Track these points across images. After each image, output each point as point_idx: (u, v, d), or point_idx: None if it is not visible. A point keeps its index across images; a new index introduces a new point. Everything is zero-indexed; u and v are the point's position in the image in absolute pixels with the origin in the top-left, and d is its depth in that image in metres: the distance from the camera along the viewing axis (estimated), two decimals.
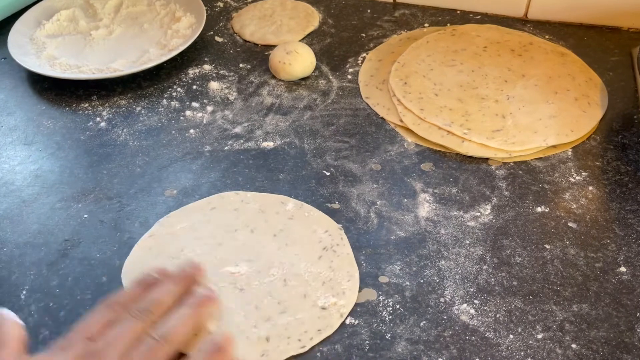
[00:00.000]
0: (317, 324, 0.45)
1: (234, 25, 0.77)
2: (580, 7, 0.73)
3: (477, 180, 0.56)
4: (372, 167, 0.57)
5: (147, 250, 0.50)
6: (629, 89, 0.64)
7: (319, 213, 0.53)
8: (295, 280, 0.47)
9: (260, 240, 0.50)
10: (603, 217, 0.52)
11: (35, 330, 0.45)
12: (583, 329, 0.44)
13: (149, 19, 0.77)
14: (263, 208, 0.53)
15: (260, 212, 0.53)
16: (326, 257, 0.49)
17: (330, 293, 0.46)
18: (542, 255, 0.49)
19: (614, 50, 0.69)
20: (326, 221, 0.52)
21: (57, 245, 0.51)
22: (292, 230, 0.51)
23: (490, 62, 0.67)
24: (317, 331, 0.44)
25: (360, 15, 0.77)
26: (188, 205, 0.54)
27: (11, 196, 0.56)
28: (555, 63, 0.67)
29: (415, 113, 0.61)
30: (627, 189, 0.54)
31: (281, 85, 0.67)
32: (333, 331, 0.44)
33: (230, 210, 0.53)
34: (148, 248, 0.50)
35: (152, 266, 0.45)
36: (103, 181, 0.57)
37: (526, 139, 0.58)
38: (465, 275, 0.48)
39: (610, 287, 0.47)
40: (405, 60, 0.68)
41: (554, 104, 0.61)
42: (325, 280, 0.47)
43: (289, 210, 0.53)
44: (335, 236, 0.51)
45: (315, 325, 0.45)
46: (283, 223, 0.52)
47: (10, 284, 0.48)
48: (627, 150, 0.58)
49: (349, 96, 0.65)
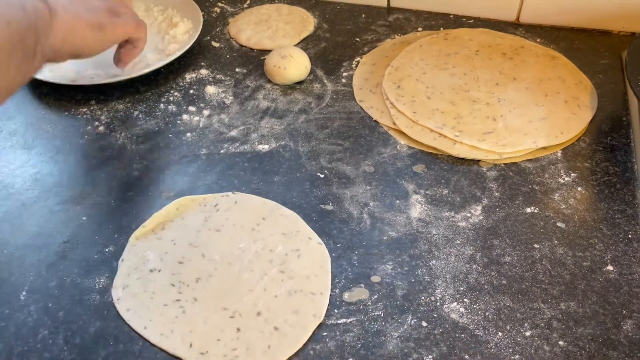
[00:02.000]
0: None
1: (230, 30, 0.78)
2: (571, 11, 0.74)
3: (468, 182, 0.57)
4: (365, 169, 0.58)
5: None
6: (618, 92, 0.65)
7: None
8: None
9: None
10: (591, 217, 0.53)
11: (34, 330, 0.46)
12: (570, 326, 0.45)
13: (147, 24, 0.78)
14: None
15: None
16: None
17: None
18: (531, 255, 0.50)
19: (604, 54, 0.70)
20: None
21: (56, 247, 0.52)
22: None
23: (482, 65, 0.68)
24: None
25: (355, 20, 0.78)
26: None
27: (11, 199, 0.57)
28: (546, 66, 0.68)
29: (408, 116, 0.62)
30: (615, 189, 0.55)
31: (276, 89, 0.68)
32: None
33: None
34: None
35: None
36: (101, 184, 0.58)
37: (517, 140, 0.59)
38: (456, 275, 0.49)
39: (598, 285, 0.48)
40: (398, 64, 0.69)
41: (545, 106, 0.63)
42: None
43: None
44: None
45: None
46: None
47: (10, 285, 0.49)
48: (616, 151, 0.59)
49: (343, 99, 0.67)
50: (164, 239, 0.52)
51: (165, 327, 0.46)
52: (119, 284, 0.49)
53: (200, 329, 0.46)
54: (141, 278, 0.49)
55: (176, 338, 0.45)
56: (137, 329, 0.46)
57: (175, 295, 0.48)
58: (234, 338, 0.45)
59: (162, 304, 0.47)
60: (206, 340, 0.45)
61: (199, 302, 0.47)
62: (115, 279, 0.49)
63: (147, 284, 0.49)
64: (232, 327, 0.46)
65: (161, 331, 0.46)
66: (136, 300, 0.48)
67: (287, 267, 0.50)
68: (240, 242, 0.52)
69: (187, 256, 0.51)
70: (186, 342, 0.45)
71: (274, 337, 0.45)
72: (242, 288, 0.48)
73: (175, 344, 0.45)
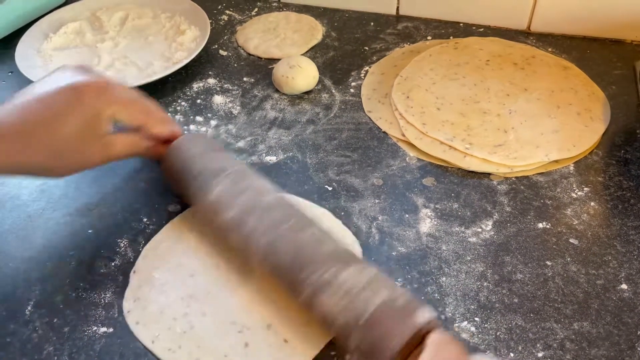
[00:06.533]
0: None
1: (238, 38, 0.77)
2: (584, 20, 0.73)
3: (479, 196, 0.56)
4: (374, 181, 0.58)
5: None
6: (631, 103, 0.64)
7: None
8: None
9: None
10: (605, 233, 0.52)
11: (39, 346, 0.46)
12: (584, 347, 0.44)
13: (154, 31, 0.78)
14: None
15: None
16: None
17: None
18: (543, 272, 0.49)
19: (617, 64, 0.69)
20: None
21: (62, 260, 0.52)
22: None
23: (492, 75, 0.67)
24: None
25: (364, 28, 0.78)
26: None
27: (17, 211, 0.56)
28: (557, 77, 0.67)
29: (417, 127, 0.61)
30: (629, 204, 0.54)
31: (284, 99, 0.68)
32: None
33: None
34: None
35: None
36: (107, 196, 0.57)
37: (528, 153, 0.58)
38: (466, 292, 0.48)
39: (612, 304, 0.47)
40: (407, 74, 0.68)
41: (556, 118, 0.62)
42: None
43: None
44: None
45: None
46: None
47: (16, 299, 0.49)
48: (630, 165, 0.58)
49: (352, 110, 0.66)
50: (177, 250, 0.52)
51: (173, 342, 0.45)
52: (129, 296, 0.49)
53: (207, 344, 0.45)
54: (152, 291, 0.49)
55: (183, 353, 0.45)
56: (145, 343, 0.46)
57: (184, 310, 0.47)
58: (242, 354, 0.45)
59: (171, 317, 0.47)
60: (214, 356, 0.45)
61: (207, 317, 0.47)
62: (126, 291, 0.49)
63: (158, 296, 0.49)
64: (240, 342, 0.45)
65: (168, 346, 0.45)
66: (146, 313, 0.47)
67: None
68: None
69: (199, 268, 0.50)
70: (193, 357, 0.44)
71: (284, 349, 0.45)
72: (252, 301, 0.48)
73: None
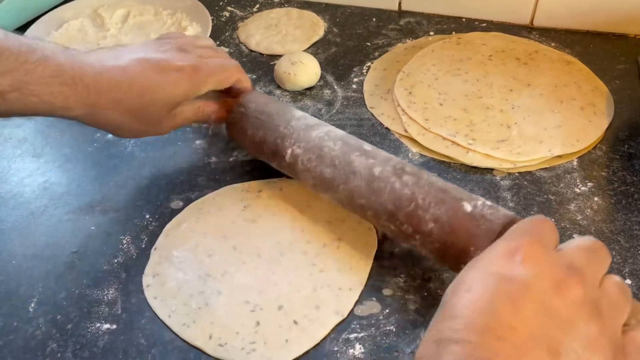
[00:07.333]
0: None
1: (239, 34, 0.77)
2: (587, 14, 0.72)
3: (482, 191, 0.56)
4: None
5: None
6: (635, 98, 0.64)
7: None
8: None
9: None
10: (608, 228, 0.52)
11: (43, 343, 0.46)
12: None
13: (156, 28, 0.78)
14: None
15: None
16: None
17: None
18: None
19: (621, 58, 0.69)
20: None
21: (65, 258, 0.52)
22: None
23: (495, 70, 0.67)
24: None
25: (366, 24, 0.77)
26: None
27: (20, 208, 0.56)
28: (561, 72, 0.66)
29: (419, 123, 0.61)
30: (633, 199, 0.54)
31: (286, 95, 0.68)
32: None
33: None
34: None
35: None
36: (110, 193, 0.57)
37: (531, 149, 0.58)
38: None
39: None
40: (410, 70, 0.68)
41: (560, 113, 0.61)
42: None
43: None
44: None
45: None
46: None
47: (19, 297, 0.49)
48: (634, 160, 0.57)
49: (354, 106, 0.66)
50: (197, 230, 0.53)
51: (188, 317, 0.47)
52: (149, 272, 0.50)
53: (220, 321, 0.46)
54: (171, 268, 0.50)
55: (197, 328, 0.46)
56: (162, 317, 0.47)
57: (201, 288, 0.49)
58: (252, 332, 0.45)
59: (187, 294, 0.48)
60: (226, 332, 0.46)
61: (222, 295, 0.48)
62: (146, 267, 0.51)
63: (176, 273, 0.50)
64: (252, 321, 0.46)
65: (183, 321, 0.47)
66: (164, 288, 0.49)
67: (320, 259, 0.50)
68: (276, 234, 0.52)
69: (217, 249, 0.51)
70: (206, 333, 0.46)
71: (293, 330, 0.45)
72: (268, 282, 0.48)
73: (195, 335, 0.46)
